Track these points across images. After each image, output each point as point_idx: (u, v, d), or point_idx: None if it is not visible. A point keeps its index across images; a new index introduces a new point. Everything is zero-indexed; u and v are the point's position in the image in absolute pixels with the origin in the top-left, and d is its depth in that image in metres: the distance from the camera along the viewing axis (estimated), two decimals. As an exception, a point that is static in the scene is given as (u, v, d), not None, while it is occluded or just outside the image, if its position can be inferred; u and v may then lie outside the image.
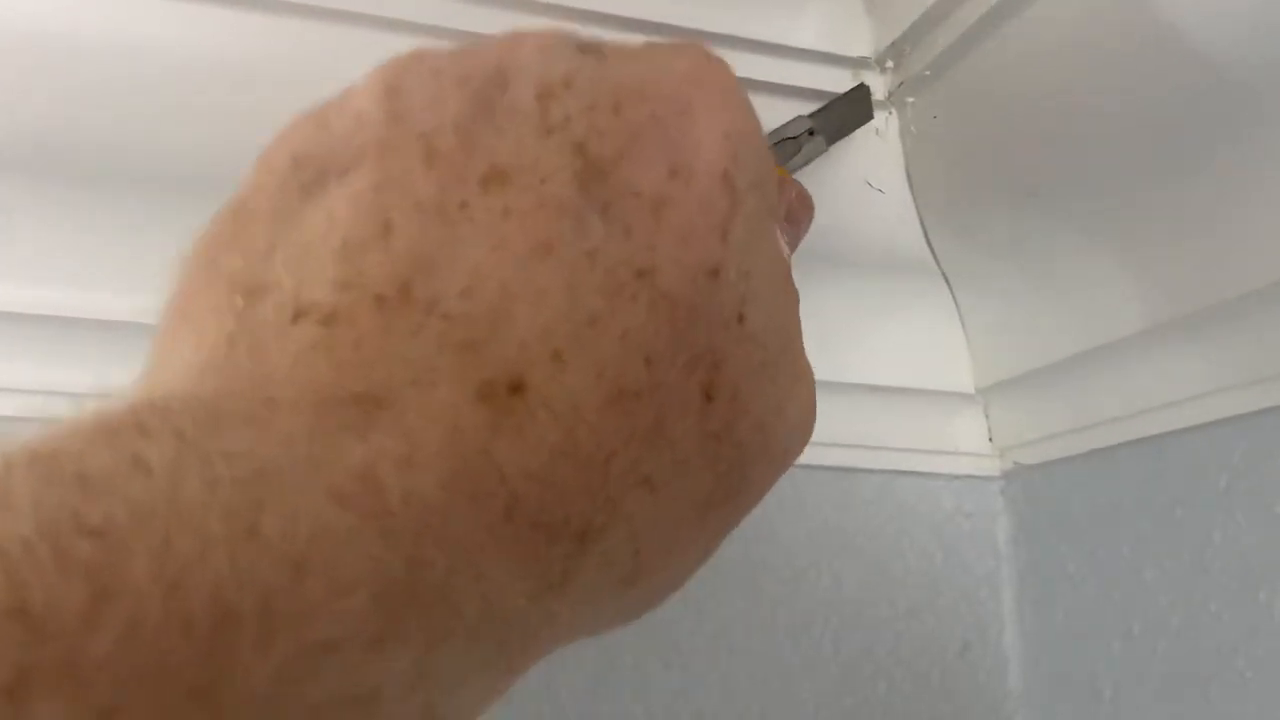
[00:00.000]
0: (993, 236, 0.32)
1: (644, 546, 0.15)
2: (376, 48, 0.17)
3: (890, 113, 0.33)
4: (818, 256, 0.32)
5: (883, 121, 0.33)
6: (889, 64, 0.33)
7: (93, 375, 0.25)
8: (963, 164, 0.32)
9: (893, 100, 0.33)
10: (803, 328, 0.32)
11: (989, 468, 0.34)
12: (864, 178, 0.33)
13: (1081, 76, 0.27)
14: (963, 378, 0.34)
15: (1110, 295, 0.29)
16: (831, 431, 0.32)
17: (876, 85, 0.33)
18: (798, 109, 0.31)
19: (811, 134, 0.30)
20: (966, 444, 0.34)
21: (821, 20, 0.32)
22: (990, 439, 0.34)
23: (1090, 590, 0.30)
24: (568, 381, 0.14)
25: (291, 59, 0.27)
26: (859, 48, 0.32)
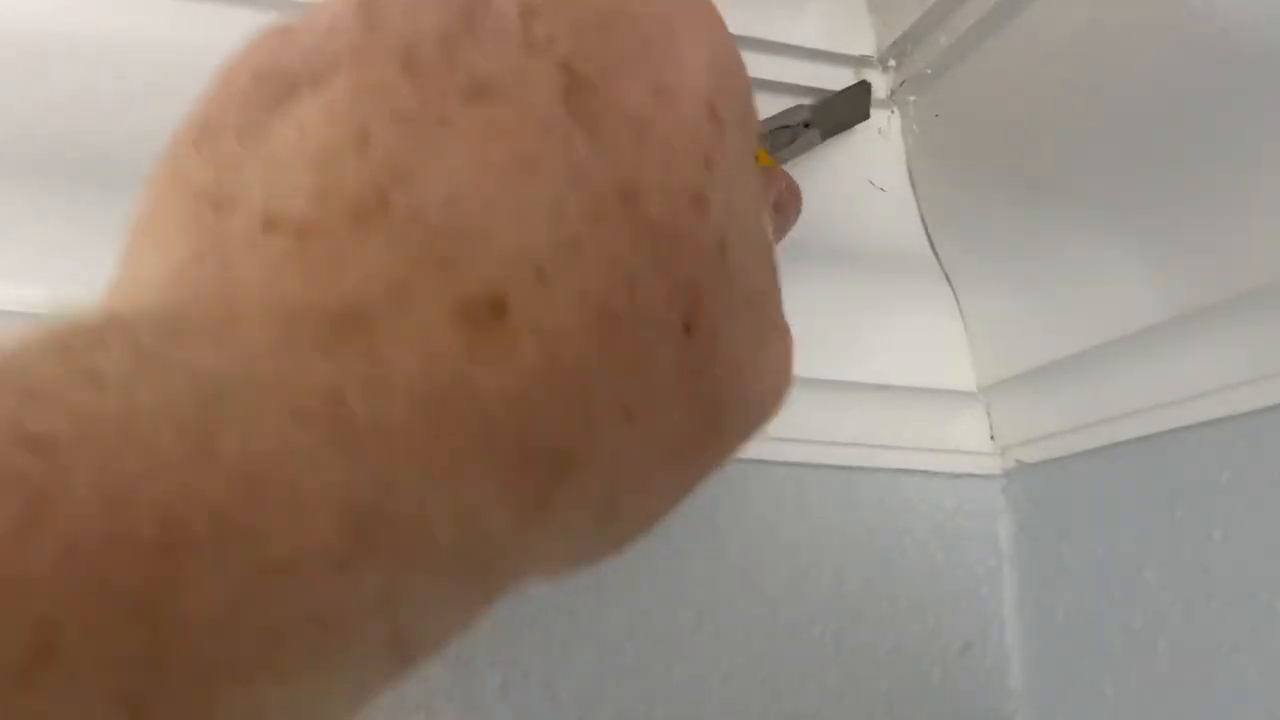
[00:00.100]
0: (994, 235, 0.32)
1: (621, 482, 0.15)
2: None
3: (892, 111, 0.33)
4: (819, 255, 0.32)
5: (885, 120, 0.33)
6: (891, 62, 0.33)
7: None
8: (964, 163, 0.32)
9: (895, 99, 0.33)
10: (804, 326, 0.32)
11: (990, 466, 0.34)
12: (866, 176, 0.33)
13: (1083, 75, 0.27)
14: (964, 376, 0.34)
15: (1111, 293, 0.29)
16: (833, 430, 0.32)
17: (879, 84, 0.33)
18: (799, 107, 0.31)
19: (807, 126, 0.30)
20: (968, 442, 0.34)
21: (824, 19, 0.32)
22: (992, 437, 0.34)
23: (1092, 588, 0.30)
24: (550, 302, 0.13)
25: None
26: (861, 46, 0.32)
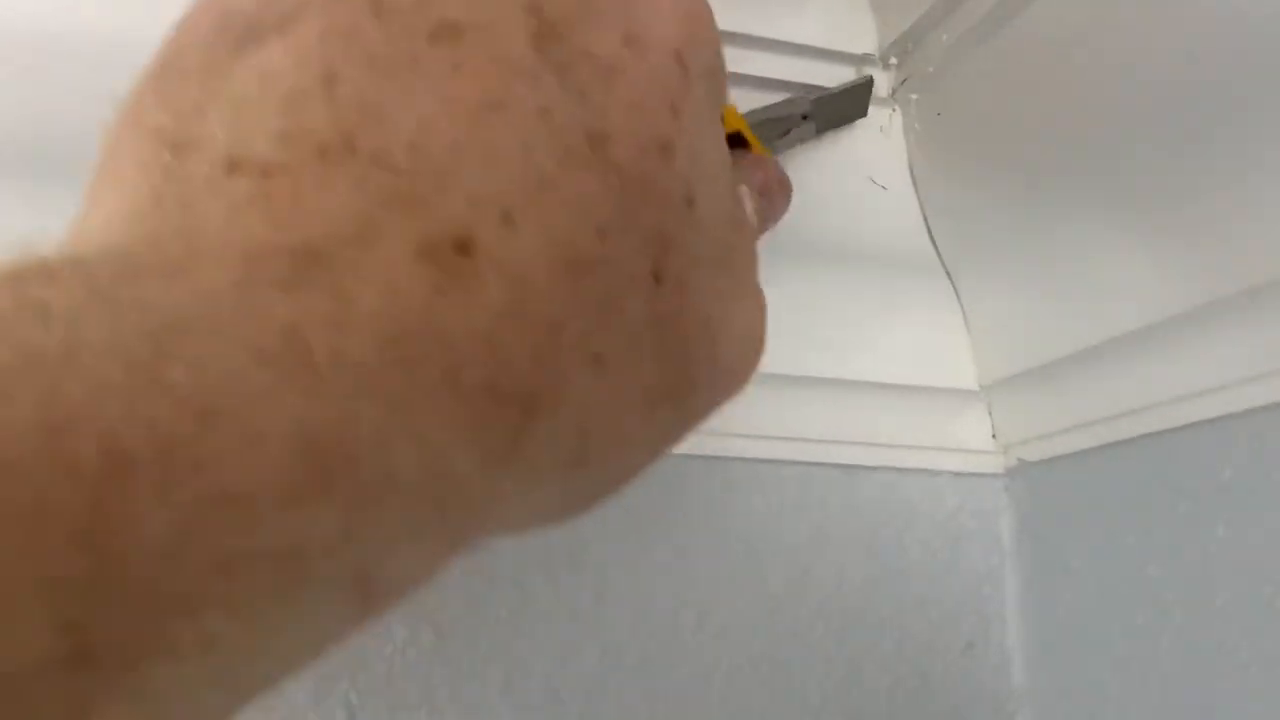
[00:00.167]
0: (996, 233, 0.32)
1: (591, 430, 0.15)
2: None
3: (894, 109, 0.33)
4: (821, 253, 0.33)
5: (886, 118, 0.33)
6: (893, 61, 0.33)
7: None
8: (966, 161, 0.32)
9: (897, 97, 0.33)
10: (806, 324, 0.32)
11: (992, 464, 0.34)
12: (868, 174, 0.33)
13: (1084, 72, 0.27)
14: (966, 374, 0.34)
15: (1114, 291, 0.29)
16: (835, 428, 0.32)
17: (881, 82, 0.33)
18: (801, 106, 0.31)
19: (805, 118, 0.30)
20: (970, 441, 0.34)
21: (826, 17, 0.32)
22: (994, 435, 0.34)
23: (1094, 586, 0.30)
24: (517, 243, 0.13)
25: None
26: (863, 44, 0.32)
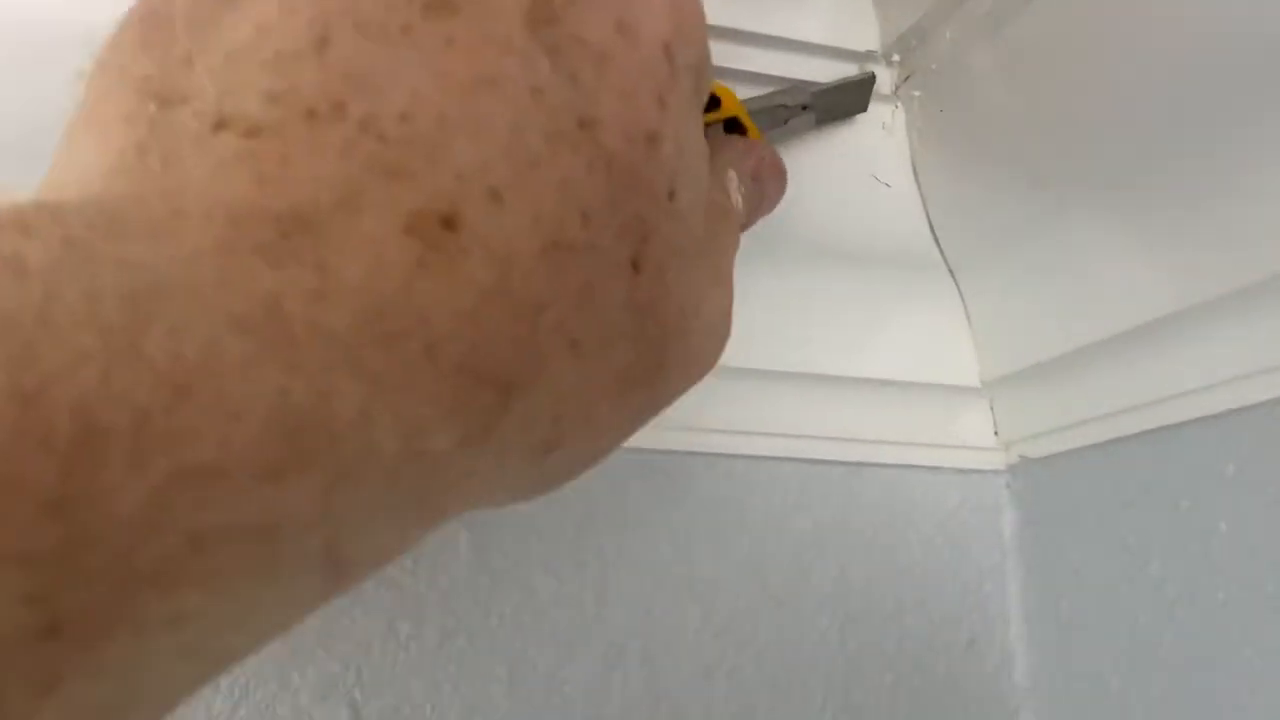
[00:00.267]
0: (998, 230, 0.32)
1: (565, 413, 0.15)
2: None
3: (896, 106, 0.33)
4: (823, 250, 0.33)
5: (889, 115, 0.33)
6: (895, 58, 0.33)
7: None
8: (969, 158, 0.32)
9: (899, 94, 0.33)
10: (807, 321, 0.32)
11: (994, 461, 0.34)
12: (870, 172, 0.33)
13: (1087, 70, 0.27)
14: (968, 371, 0.34)
15: (1116, 288, 0.29)
16: (836, 425, 0.32)
17: (883, 79, 0.33)
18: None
19: (804, 109, 0.30)
20: (972, 438, 0.34)
21: (828, 14, 0.32)
22: (996, 432, 0.34)
23: (1096, 583, 0.30)
24: (504, 222, 0.13)
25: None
26: (866, 42, 0.32)
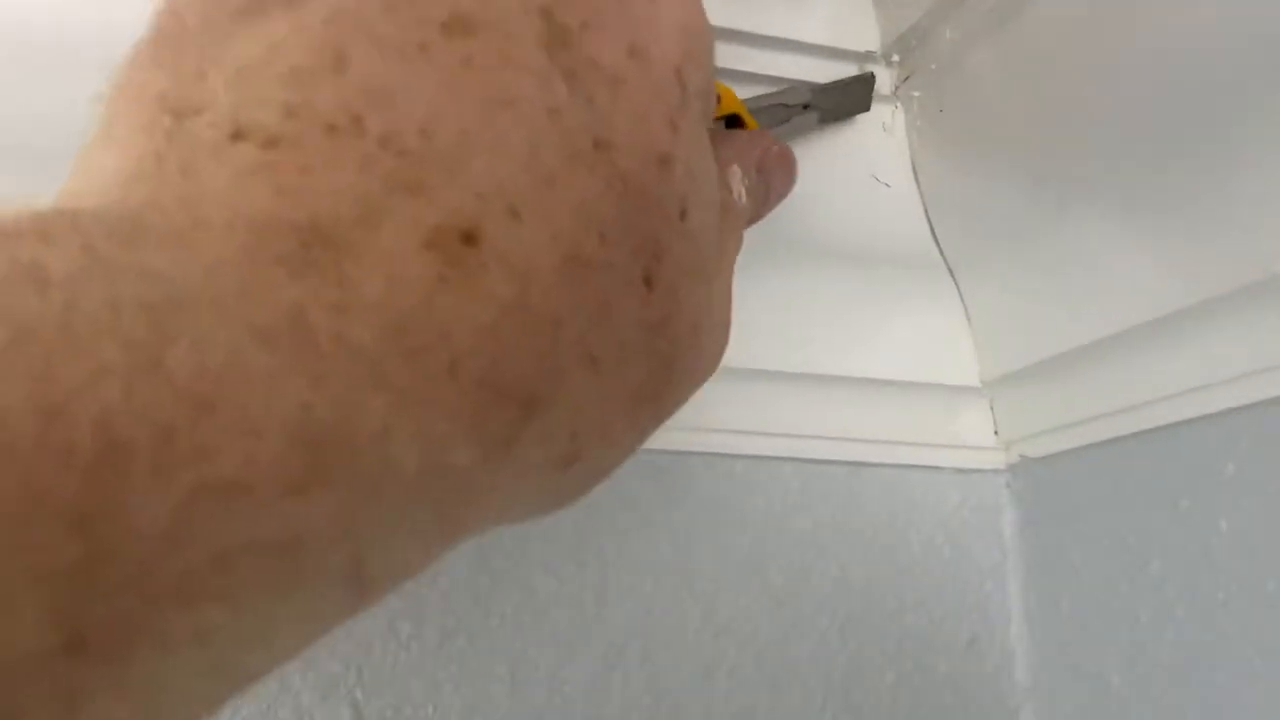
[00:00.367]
0: (998, 230, 0.32)
1: (581, 429, 0.15)
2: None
3: (896, 106, 0.33)
4: (823, 250, 0.33)
5: (889, 115, 0.33)
6: (895, 58, 0.33)
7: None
8: (968, 158, 0.32)
9: (899, 94, 0.33)
10: (808, 322, 0.32)
11: (994, 461, 0.34)
12: (870, 172, 0.33)
13: (1086, 69, 0.27)
14: (968, 371, 0.34)
15: (1115, 288, 0.29)
16: (836, 425, 0.32)
17: (883, 79, 0.33)
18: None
19: (806, 108, 0.30)
20: (972, 437, 0.34)
21: (828, 15, 0.32)
22: (996, 432, 0.34)
23: (1097, 582, 0.30)
24: (523, 237, 0.13)
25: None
26: (866, 42, 0.32)
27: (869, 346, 0.33)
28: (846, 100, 0.32)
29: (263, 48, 0.13)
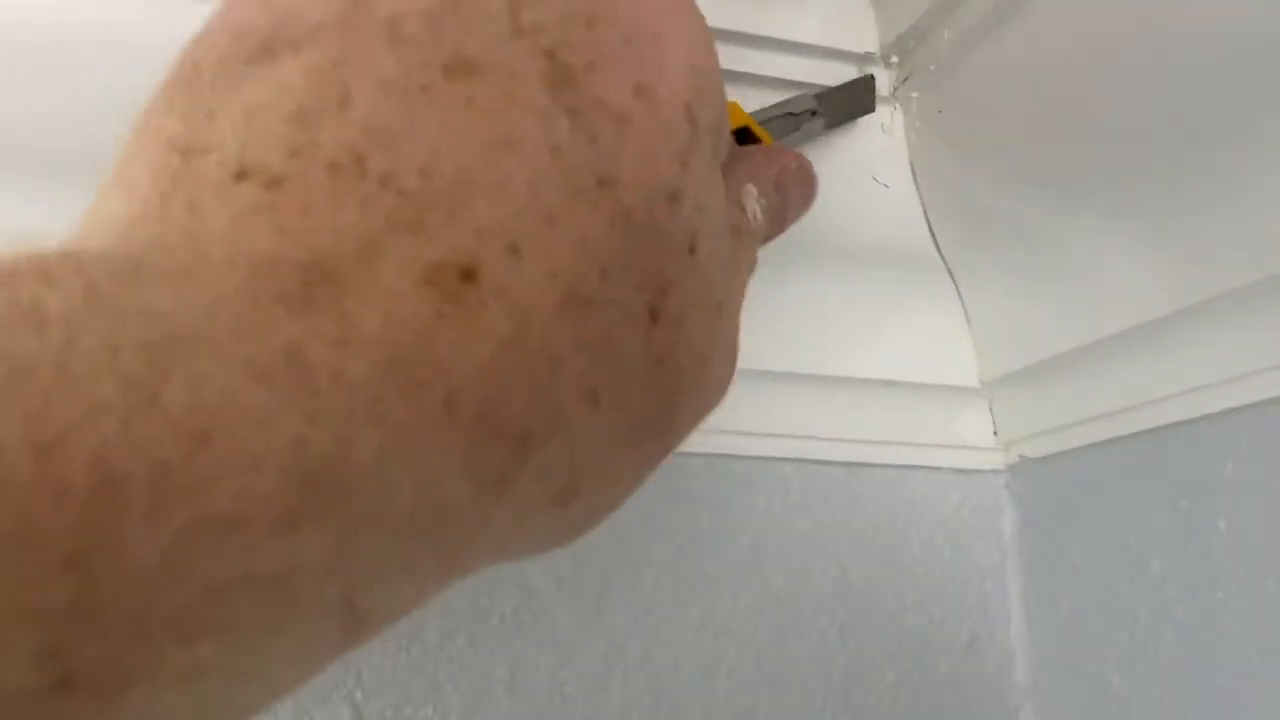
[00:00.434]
0: (997, 230, 0.32)
1: (581, 465, 0.15)
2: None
3: (895, 107, 0.33)
4: (822, 251, 0.33)
5: (888, 116, 0.33)
6: (894, 59, 0.33)
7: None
8: (967, 159, 0.32)
9: (898, 95, 0.33)
10: (808, 323, 0.32)
11: (994, 461, 0.34)
12: (869, 173, 0.33)
13: (1085, 70, 0.27)
14: (967, 371, 0.34)
15: (1115, 288, 0.29)
16: (836, 426, 0.32)
17: (882, 80, 0.33)
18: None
19: (813, 114, 0.30)
20: (972, 438, 0.34)
21: (827, 15, 0.32)
22: (995, 432, 0.34)
23: (1096, 582, 0.30)
24: (522, 275, 0.13)
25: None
26: (864, 43, 0.32)
27: (868, 347, 0.33)
28: (851, 103, 0.32)
29: (271, 90, 0.14)
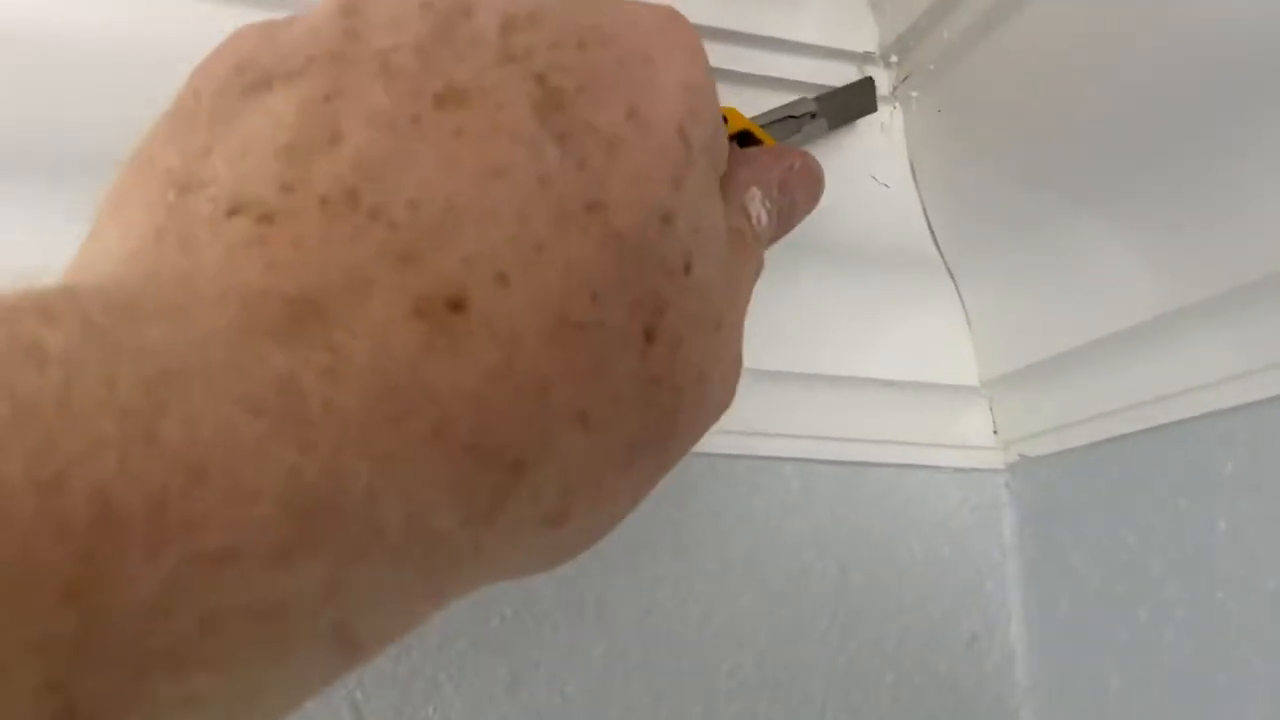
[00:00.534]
0: (997, 230, 0.32)
1: (573, 486, 0.15)
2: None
3: (894, 107, 0.33)
4: (822, 251, 0.33)
5: (887, 116, 0.33)
6: (893, 59, 0.33)
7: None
8: (967, 158, 0.32)
9: (897, 95, 0.33)
10: (807, 323, 0.32)
11: (994, 460, 0.34)
12: (869, 172, 0.33)
13: (1085, 70, 0.27)
14: (967, 371, 0.34)
15: (1114, 287, 0.29)
16: (836, 425, 0.32)
17: (881, 80, 0.33)
18: (802, 104, 0.31)
19: (814, 116, 0.30)
20: (971, 437, 0.34)
21: (826, 15, 0.32)
22: (995, 431, 0.34)
23: (1096, 581, 0.30)
24: (510, 304, 0.14)
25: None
26: (863, 43, 0.32)
27: (868, 347, 0.33)
28: (852, 103, 0.32)
29: (265, 124, 0.14)
